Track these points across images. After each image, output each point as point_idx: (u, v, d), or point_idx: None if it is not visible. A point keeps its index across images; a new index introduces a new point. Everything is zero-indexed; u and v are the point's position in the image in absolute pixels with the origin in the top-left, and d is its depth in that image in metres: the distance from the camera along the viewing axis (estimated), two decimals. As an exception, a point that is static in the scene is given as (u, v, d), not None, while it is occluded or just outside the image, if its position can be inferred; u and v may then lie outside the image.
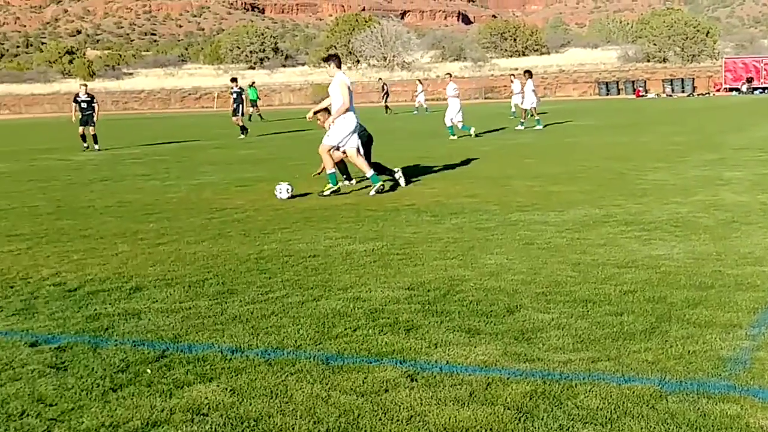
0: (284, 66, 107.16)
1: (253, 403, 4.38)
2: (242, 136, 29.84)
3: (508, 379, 4.62)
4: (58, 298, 6.84)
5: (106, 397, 4.55)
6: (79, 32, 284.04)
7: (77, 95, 26.88)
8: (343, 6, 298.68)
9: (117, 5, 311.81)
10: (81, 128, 26.21)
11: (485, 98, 74.36)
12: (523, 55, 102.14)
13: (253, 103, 45.03)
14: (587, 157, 17.61)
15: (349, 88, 12.93)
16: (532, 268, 7.30)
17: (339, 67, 13.16)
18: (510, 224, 9.66)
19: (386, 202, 11.84)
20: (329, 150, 13.16)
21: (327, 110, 13.50)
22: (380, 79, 52.99)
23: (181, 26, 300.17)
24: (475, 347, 5.19)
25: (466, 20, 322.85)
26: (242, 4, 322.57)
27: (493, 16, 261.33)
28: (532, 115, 29.29)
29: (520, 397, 4.36)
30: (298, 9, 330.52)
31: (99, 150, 25.15)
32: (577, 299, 6.21)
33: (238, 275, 7.46)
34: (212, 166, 18.85)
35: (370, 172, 13.16)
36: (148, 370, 4.94)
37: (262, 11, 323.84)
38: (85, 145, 25.88)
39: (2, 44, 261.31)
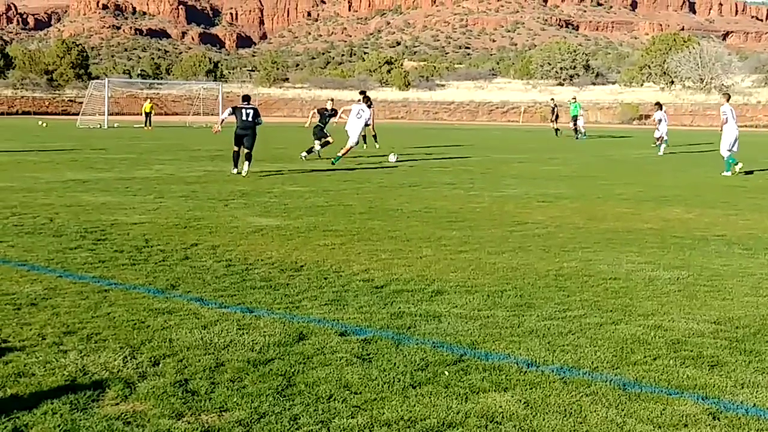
0: (594, 84, 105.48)
1: (547, 419, 4.38)
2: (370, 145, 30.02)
3: (825, 433, 4.24)
4: (366, 293, 7.27)
5: (406, 392, 4.77)
6: (398, 43, 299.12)
7: (324, 108, 25.82)
8: (660, 25, 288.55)
9: (435, 19, 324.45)
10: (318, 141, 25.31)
11: (811, 128, 68.28)
12: None
13: (574, 119, 44.08)
14: None
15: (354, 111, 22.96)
16: None
17: (366, 102, 23.20)
18: (836, 266, 8.81)
19: (694, 231, 11.29)
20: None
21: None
22: (552, 99, 51.42)
23: (494, 41, 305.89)
24: (788, 394, 4.81)
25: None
26: (557, 20, 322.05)
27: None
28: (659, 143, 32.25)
29: (840, 455, 3.98)
30: (613, 27, 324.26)
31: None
32: None
33: (536, 290, 7.48)
34: (515, 179, 19.02)
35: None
36: (446, 372, 5.11)
37: (576, 28, 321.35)
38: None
39: (329, 52, 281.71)
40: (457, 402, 4.62)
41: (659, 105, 34.14)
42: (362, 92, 24.71)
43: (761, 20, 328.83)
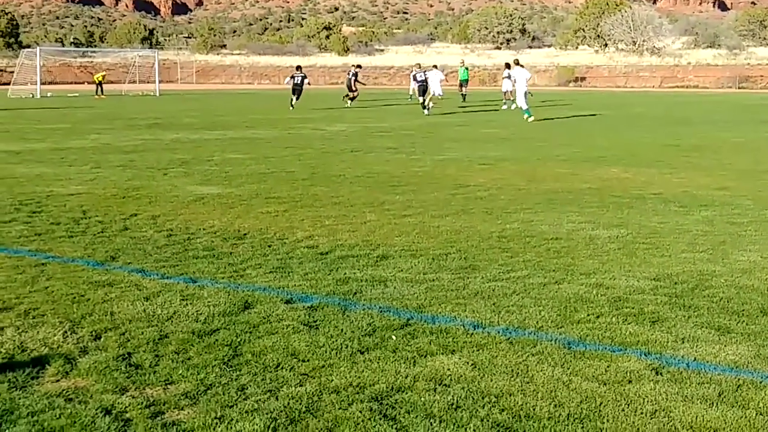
0: (530, 47, 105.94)
1: (494, 380, 4.43)
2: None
3: (761, 383, 4.37)
4: (311, 259, 7.24)
5: (354, 358, 4.77)
6: (336, 9, 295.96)
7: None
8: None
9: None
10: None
11: (739, 88, 69.75)
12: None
13: (462, 83, 45.90)
14: None
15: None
16: (792, 270, 6.81)
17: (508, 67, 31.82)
18: (766, 221, 9.07)
19: (631, 189, 11.47)
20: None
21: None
22: (357, 66, 51.33)
23: (432, 6, 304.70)
24: (726, 346, 4.94)
25: (723, 6, 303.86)
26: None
27: (752, 2, 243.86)
28: (509, 100, 35.63)
29: (776, 404, 4.10)
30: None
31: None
32: None
33: (480, 252, 7.54)
34: (456, 143, 19.08)
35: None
36: (393, 337, 5.12)
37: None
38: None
39: (266, 18, 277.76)
40: (405, 366, 4.63)
41: (507, 65, 36.19)
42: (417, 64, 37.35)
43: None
